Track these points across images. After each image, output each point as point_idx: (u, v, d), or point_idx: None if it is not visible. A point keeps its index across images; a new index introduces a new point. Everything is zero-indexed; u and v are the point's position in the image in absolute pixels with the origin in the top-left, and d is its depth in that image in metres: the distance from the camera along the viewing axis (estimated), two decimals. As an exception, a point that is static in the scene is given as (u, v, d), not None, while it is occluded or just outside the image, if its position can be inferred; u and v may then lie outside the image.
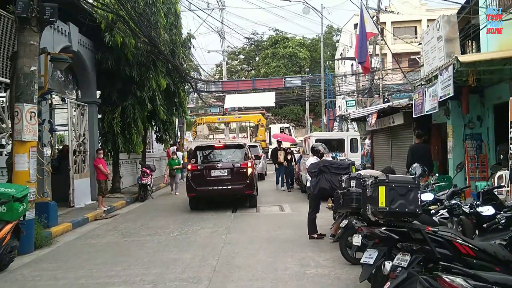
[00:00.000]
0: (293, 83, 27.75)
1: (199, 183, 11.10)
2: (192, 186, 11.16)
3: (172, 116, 17.72)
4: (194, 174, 11.25)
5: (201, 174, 11.20)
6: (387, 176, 3.63)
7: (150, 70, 13.70)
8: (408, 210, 3.46)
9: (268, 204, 12.17)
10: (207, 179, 11.10)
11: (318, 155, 7.49)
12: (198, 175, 11.19)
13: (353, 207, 4.71)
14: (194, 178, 11.19)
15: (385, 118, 14.40)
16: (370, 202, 3.74)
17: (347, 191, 4.89)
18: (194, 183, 11.14)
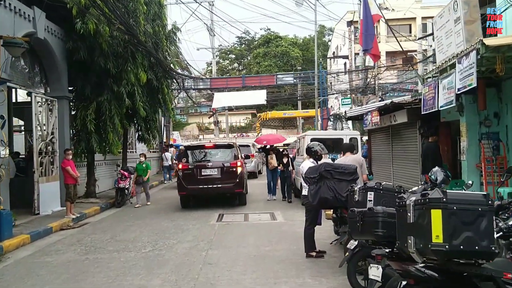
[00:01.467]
0: (285, 80, 26.51)
1: (190, 181, 11.31)
2: (183, 184, 11.39)
3: (155, 113, 16.39)
4: (185, 173, 11.44)
5: (192, 173, 11.41)
6: (444, 193, 2.39)
7: (128, 62, 12.38)
8: (480, 248, 2.22)
9: (257, 210, 10.92)
10: (197, 178, 11.32)
11: (315, 157, 6.28)
12: (189, 174, 11.40)
13: (379, 235, 3.42)
14: (185, 177, 11.40)
15: (385, 116, 13.24)
16: (414, 234, 2.47)
17: (368, 211, 3.59)
18: (185, 182, 11.37)
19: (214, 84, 25.48)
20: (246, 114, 56.02)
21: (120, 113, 12.78)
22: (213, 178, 11.33)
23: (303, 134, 11.57)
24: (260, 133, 53.26)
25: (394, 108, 11.94)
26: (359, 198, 4.16)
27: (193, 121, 54.57)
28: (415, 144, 11.88)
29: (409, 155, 12.32)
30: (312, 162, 6.24)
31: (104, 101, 12.12)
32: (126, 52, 12.37)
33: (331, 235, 7.27)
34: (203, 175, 11.34)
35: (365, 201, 4.03)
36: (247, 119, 55.86)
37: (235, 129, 52.96)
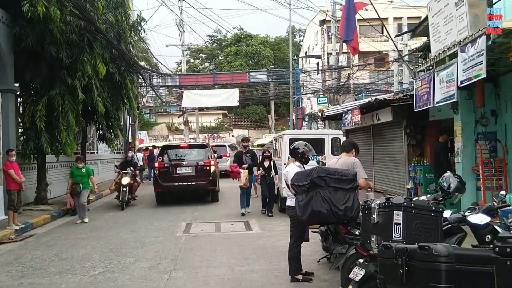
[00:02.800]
0: (258, 78, 25.40)
1: (166, 179, 11.97)
2: (159, 182, 12.06)
3: (117, 111, 14.97)
4: (161, 171, 12.11)
5: (167, 171, 12.08)
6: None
7: (85, 52, 10.97)
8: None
9: (230, 218, 9.79)
10: (173, 175, 11.99)
11: (302, 160, 5.24)
12: (165, 172, 12.06)
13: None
14: (161, 174, 12.06)
15: (367, 115, 12.41)
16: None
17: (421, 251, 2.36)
18: (160, 179, 12.03)
19: (183, 81, 24.09)
20: (217, 114, 54.66)
21: (76, 109, 11.34)
22: (188, 176, 11.97)
23: (281, 133, 10.51)
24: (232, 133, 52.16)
25: (377, 106, 11.11)
26: (379, 220, 3.13)
27: (162, 121, 52.72)
28: (400, 145, 11.07)
29: (393, 157, 11.51)
30: (298, 166, 5.18)
31: (56, 96, 10.67)
32: (82, 40, 10.97)
33: (317, 249, 6.27)
34: (178, 173, 12.02)
35: (389, 225, 3.00)
36: (218, 119, 54.52)
37: (206, 130, 51.52)
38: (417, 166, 9.64)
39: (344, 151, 5.43)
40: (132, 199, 12.71)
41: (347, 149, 5.45)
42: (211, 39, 65.95)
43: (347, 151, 5.38)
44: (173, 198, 12.90)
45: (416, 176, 9.52)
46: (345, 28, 10.33)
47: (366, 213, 3.56)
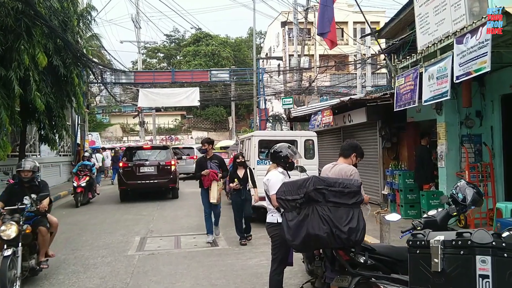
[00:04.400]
0: (220, 76, 24.24)
1: (130, 177, 12.93)
2: (123, 180, 13.02)
3: (62, 108, 13.38)
4: (125, 170, 13.09)
5: (131, 170, 13.02)
6: None
7: (22, 39, 9.47)
8: None
9: (192, 229, 8.65)
10: (136, 174, 12.95)
11: (285, 166, 4.26)
12: (129, 171, 13.02)
13: None
14: (125, 173, 13.05)
15: (338, 116, 11.71)
16: None
17: None
18: (125, 178, 13.01)
19: (138, 79, 22.47)
20: (175, 115, 52.92)
21: (10, 106, 9.81)
22: (150, 174, 13.00)
23: (249, 134, 9.50)
24: (191, 135, 50.57)
25: (350, 106, 10.40)
26: (447, 267, 2.16)
27: (116, 122, 50.28)
28: (374, 148, 10.41)
29: (367, 161, 10.83)
30: (281, 173, 4.20)
31: (-14, 89, 9.11)
32: (18, 26, 9.45)
33: (296, 270, 5.32)
34: (141, 172, 12.99)
35: (466, 277, 2.03)
36: (176, 121, 52.77)
37: (163, 131, 49.67)
38: (395, 170, 8.96)
39: (341, 155, 4.24)
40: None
41: (345, 154, 4.22)
42: (168, 39, 64.08)
43: (345, 156, 4.21)
44: (135, 197, 13.43)
45: (394, 182, 8.84)
46: (321, 18, 9.52)
47: (420, 253, 2.51)
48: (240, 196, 7.26)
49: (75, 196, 12.45)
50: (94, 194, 13.73)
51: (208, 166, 7.28)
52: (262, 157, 8.79)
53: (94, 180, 13.67)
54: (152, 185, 13.04)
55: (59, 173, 19.17)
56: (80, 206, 12.36)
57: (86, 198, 12.93)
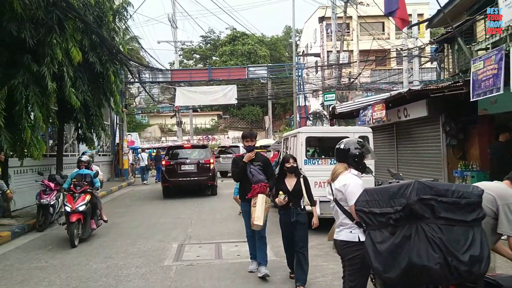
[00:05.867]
0: (257, 73, 23.41)
1: (172, 175, 13.67)
2: (165, 177, 13.75)
3: (99, 107, 13.01)
4: (168, 168, 13.76)
5: (173, 168, 13.70)
6: None
7: (54, 32, 9.00)
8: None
9: (233, 235, 7.84)
10: (178, 172, 13.63)
11: (359, 167, 3.32)
12: (171, 169, 13.72)
13: None
14: (168, 171, 13.74)
15: (391, 111, 10.60)
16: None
17: None
18: (167, 175, 13.72)
19: (175, 77, 22.07)
20: (211, 116, 52.79)
21: (44, 103, 9.40)
22: (191, 172, 13.56)
23: (294, 131, 8.59)
24: (227, 135, 50.22)
25: (409, 99, 9.28)
26: None
27: (154, 122, 50.76)
28: (436, 146, 9.24)
29: (426, 160, 9.68)
30: (356, 175, 3.29)
31: (19, 85, 8.70)
32: (50, 18, 8.99)
33: None
34: (182, 170, 13.60)
35: None
36: (213, 121, 52.61)
37: (200, 131, 49.60)
38: (465, 171, 7.79)
39: None
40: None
41: None
42: (204, 40, 64.16)
43: None
44: (177, 193, 14.07)
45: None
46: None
47: None
48: (289, 217, 4.95)
49: (69, 229, 7.45)
50: (99, 221, 8.53)
51: (248, 170, 5.31)
52: (310, 156, 7.89)
53: (97, 199, 8.48)
54: (192, 182, 13.62)
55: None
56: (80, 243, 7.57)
57: (88, 231, 7.89)
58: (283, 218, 5.08)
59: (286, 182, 5.07)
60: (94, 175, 8.31)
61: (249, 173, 5.31)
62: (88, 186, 7.96)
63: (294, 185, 5.03)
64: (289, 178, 5.10)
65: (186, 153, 14.38)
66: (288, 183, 5.06)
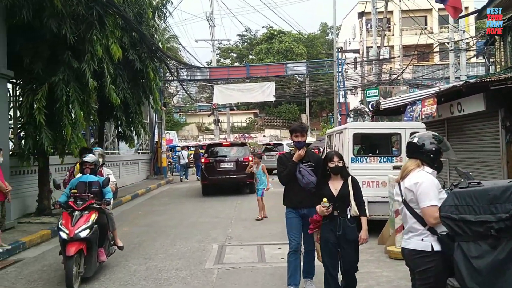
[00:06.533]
0: (296, 70, 22.91)
1: (211, 173, 13.64)
2: (205, 175, 13.81)
3: (139, 105, 13.02)
4: (207, 166, 13.78)
5: (212, 166, 13.66)
6: None
7: (94, 28, 8.95)
8: None
9: (275, 238, 7.44)
10: (217, 170, 13.54)
11: (433, 165, 2.80)
12: (210, 167, 13.70)
13: None
14: (207, 169, 13.75)
15: (443, 106, 9.83)
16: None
17: None
18: (206, 173, 13.74)
19: (213, 75, 21.96)
20: (248, 114, 52.66)
21: (85, 100, 9.40)
22: (230, 170, 13.46)
23: (340, 127, 8.05)
24: (263, 133, 49.90)
25: (464, 92, 8.52)
26: None
27: (192, 121, 51.27)
28: (494, 144, 8.44)
29: (483, 159, 8.89)
30: (431, 174, 2.80)
31: (60, 82, 8.71)
32: (90, 14, 8.95)
33: None
34: (221, 168, 13.51)
35: None
36: (249, 119, 52.47)
37: (237, 130, 49.56)
38: (534, 171, 7.02)
39: None
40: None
41: None
42: (241, 39, 64.20)
43: None
44: (216, 191, 13.94)
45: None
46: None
47: None
48: (334, 230, 3.97)
49: (66, 265, 4.96)
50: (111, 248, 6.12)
51: (297, 170, 4.49)
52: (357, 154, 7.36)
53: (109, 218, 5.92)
54: (231, 180, 13.52)
55: (137, 171, 19.22)
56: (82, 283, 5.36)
57: (94, 265, 5.39)
58: (325, 232, 4.02)
59: (330, 186, 4.09)
60: (104, 183, 5.67)
61: (298, 173, 4.49)
62: (94, 200, 5.38)
63: (340, 189, 4.05)
64: (333, 180, 4.12)
65: (225, 151, 14.32)
66: (333, 187, 4.07)
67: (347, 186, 4.06)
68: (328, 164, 4.10)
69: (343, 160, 4.14)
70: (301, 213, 4.56)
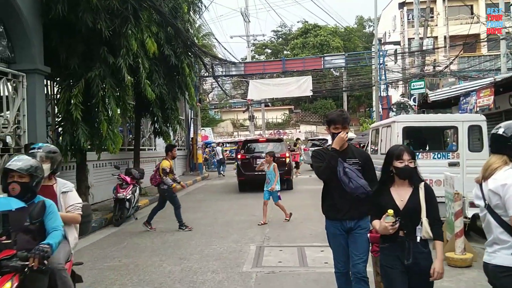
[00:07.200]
0: (334, 63, 22.19)
1: (247, 169, 13.48)
2: (241, 171, 13.71)
3: (175, 101, 12.86)
4: (243, 162, 13.69)
5: (249, 162, 13.59)
6: None
7: (129, 22, 8.77)
8: None
9: (317, 239, 6.97)
10: (253, 166, 13.09)
11: None
12: (247, 163, 13.63)
13: None
14: (243, 165, 13.64)
15: (499, 97, 9.02)
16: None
17: None
18: (243, 169, 13.66)
19: (248, 70, 21.62)
20: (283, 110, 52.12)
21: (121, 96, 9.29)
22: None
23: (387, 120, 7.43)
24: (299, 129, 49.25)
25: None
26: None
27: (227, 118, 51.41)
28: None
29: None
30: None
31: (96, 78, 8.60)
32: (125, 8, 8.78)
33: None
34: (257, 164, 12.76)
35: None
36: (284, 115, 51.93)
37: (272, 126, 49.18)
38: None
39: None
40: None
41: None
42: (276, 34, 63.64)
43: None
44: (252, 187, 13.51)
45: None
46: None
47: None
48: (401, 257, 2.89)
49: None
50: None
51: (341, 171, 3.44)
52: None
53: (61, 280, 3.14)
54: None
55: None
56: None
57: None
58: (388, 259, 2.92)
59: (393, 194, 2.95)
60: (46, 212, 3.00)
61: (344, 175, 3.40)
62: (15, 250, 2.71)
63: (408, 199, 2.90)
64: (398, 187, 2.97)
65: (261, 147, 14.16)
66: (398, 196, 2.93)
67: (417, 197, 2.89)
68: (393, 164, 2.93)
69: (415, 160, 2.96)
70: (347, 227, 3.51)
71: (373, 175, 3.56)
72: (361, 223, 3.45)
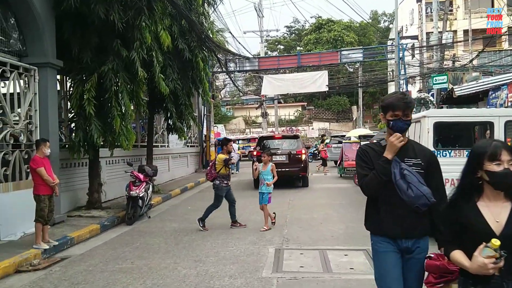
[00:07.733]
0: (351, 57, 21.63)
1: None
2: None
3: (188, 96, 12.56)
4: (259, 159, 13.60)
5: None
6: None
7: (143, 14, 8.48)
8: None
9: (339, 241, 6.62)
10: None
11: None
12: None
13: None
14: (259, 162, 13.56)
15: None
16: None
17: None
18: None
19: (263, 65, 21.22)
20: (296, 107, 51.59)
21: (134, 90, 9.03)
22: (282, 163, 12.70)
23: (417, 116, 6.95)
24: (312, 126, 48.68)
25: None
26: None
27: (239, 115, 51.07)
28: None
29: None
30: None
31: (109, 72, 8.34)
32: (139, 0, 8.48)
33: None
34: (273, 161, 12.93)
35: None
36: (297, 112, 51.40)
37: (284, 123, 48.71)
38: None
39: None
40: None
41: None
42: (289, 30, 63.10)
43: None
44: None
45: None
46: None
47: None
48: None
49: None
50: None
51: (397, 171, 2.55)
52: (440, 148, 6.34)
53: None
54: (283, 174, 12.18)
55: (186, 164, 18.99)
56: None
57: None
58: None
59: (483, 212, 2.10)
60: None
61: (400, 179, 2.53)
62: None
63: (508, 220, 2.05)
64: (489, 201, 2.12)
65: (277, 144, 13.90)
66: (492, 215, 2.09)
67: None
68: (484, 167, 2.08)
69: None
70: (403, 247, 2.62)
71: (439, 182, 2.64)
72: (421, 243, 2.62)
